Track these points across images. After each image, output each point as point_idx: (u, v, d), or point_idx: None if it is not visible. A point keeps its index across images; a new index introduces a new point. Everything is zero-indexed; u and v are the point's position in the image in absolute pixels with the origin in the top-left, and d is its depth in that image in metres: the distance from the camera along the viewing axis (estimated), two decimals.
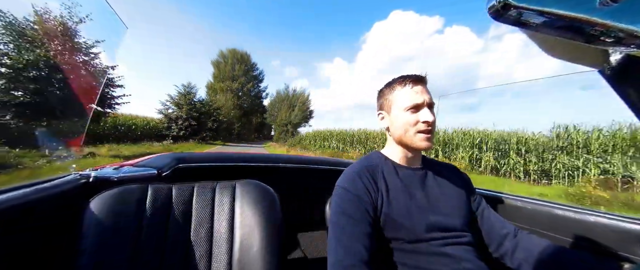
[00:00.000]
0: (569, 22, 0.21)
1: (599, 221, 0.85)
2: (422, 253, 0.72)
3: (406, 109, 0.77)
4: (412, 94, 0.77)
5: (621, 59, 0.32)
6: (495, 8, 0.21)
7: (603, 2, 0.20)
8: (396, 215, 0.73)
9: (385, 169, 0.81)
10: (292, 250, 1.35)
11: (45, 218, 0.67)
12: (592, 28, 0.21)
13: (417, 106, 0.77)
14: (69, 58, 5.25)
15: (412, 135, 0.77)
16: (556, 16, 0.21)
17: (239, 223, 0.77)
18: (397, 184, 0.78)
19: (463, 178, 0.90)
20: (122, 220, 0.67)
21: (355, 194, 0.73)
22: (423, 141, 0.77)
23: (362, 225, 0.69)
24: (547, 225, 0.95)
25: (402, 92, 0.79)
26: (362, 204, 0.72)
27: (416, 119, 0.77)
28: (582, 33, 0.22)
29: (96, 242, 0.63)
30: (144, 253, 0.67)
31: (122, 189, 0.71)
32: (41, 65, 4.93)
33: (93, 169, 0.90)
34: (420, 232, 0.73)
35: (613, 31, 0.21)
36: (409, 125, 0.77)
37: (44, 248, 0.66)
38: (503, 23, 0.21)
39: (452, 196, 0.82)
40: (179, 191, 0.77)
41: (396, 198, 0.76)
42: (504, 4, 0.20)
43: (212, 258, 0.73)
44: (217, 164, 1.22)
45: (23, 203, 0.62)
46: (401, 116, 0.78)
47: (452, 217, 0.77)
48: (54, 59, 5.05)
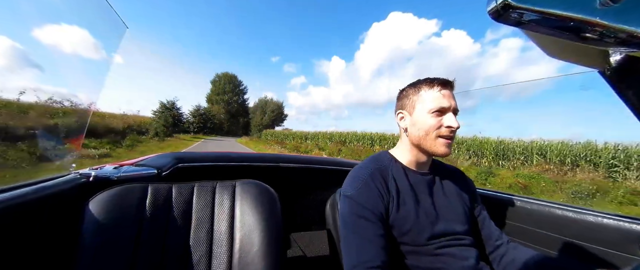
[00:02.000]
0: (569, 22, 0.21)
1: (599, 221, 0.85)
2: (424, 254, 0.72)
3: (431, 111, 0.75)
4: (439, 97, 0.75)
5: (621, 59, 0.32)
6: (495, 9, 0.21)
7: (603, 3, 0.20)
8: (403, 220, 0.73)
9: (395, 172, 0.80)
10: (292, 250, 1.35)
11: (46, 218, 0.67)
12: (592, 28, 0.21)
13: (442, 110, 0.74)
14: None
15: (433, 139, 0.75)
16: (556, 16, 0.21)
17: (239, 223, 0.77)
18: (406, 188, 0.77)
19: (468, 183, 0.90)
20: (122, 219, 0.67)
21: (365, 204, 0.72)
22: (443, 147, 0.74)
23: (377, 227, 0.70)
24: (547, 225, 0.96)
25: (428, 93, 0.77)
26: (376, 209, 0.72)
27: (440, 123, 0.74)
28: (582, 33, 0.22)
29: (96, 242, 0.63)
30: (144, 252, 0.67)
31: (122, 188, 0.71)
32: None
33: (93, 168, 0.90)
34: (425, 238, 0.73)
35: (613, 31, 0.21)
36: (432, 128, 0.75)
37: (44, 248, 0.66)
38: (503, 24, 0.21)
39: (458, 203, 0.81)
40: (179, 191, 0.77)
41: (405, 202, 0.75)
42: (504, 5, 0.20)
43: (212, 257, 0.73)
44: (217, 164, 1.22)
45: (23, 203, 0.62)
46: (424, 118, 0.76)
47: (457, 222, 0.77)
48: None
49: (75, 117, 0.97)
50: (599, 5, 0.20)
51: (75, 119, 0.97)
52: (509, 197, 1.10)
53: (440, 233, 0.74)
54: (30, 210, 0.63)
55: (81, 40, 0.89)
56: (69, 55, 0.85)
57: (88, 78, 0.94)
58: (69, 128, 0.96)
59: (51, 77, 0.72)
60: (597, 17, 0.21)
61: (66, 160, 0.88)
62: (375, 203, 0.72)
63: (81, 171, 0.86)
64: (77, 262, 0.61)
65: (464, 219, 0.79)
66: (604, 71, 0.34)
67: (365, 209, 0.71)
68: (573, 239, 0.89)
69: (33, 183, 0.69)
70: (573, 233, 0.89)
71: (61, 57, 0.84)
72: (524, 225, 1.02)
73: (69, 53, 0.85)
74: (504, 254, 0.79)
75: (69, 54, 0.85)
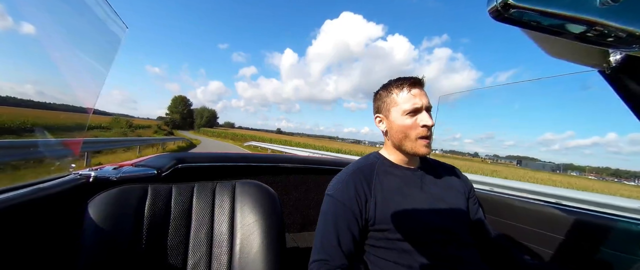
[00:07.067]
0: (569, 22, 0.21)
1: (599, 221, 0.85)
2: (421, 253, 0.72)
3: (405, 112, 0.76)
4: (410, 98, 0.76)
5: (621, 59, 0.32)
6: (495, 8, 0.21)
7: (603, 2, 0.20)
8: (390, 216, 0.73)
9: (381, 169, 0.81)
10: (292, 250, 1.35)
11: (45, 218, 0.67)
12: (592, 28, 0.21)
13: (416, 110, 0.76)
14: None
15: (412, 140, 0.76)
16: (556, 16, 0.21)
17: (239, 223, 0.76)
18: (392, 184, 0.78)
19: (463, 180, 0.90)
20: (121, 220, 0.67)
21: (342, 202, 0.75)
22: (423, 147, 0.76)
23: (346, 233, 0.73)
24: (547, 225, 0.96)
25: (400, 95, 0.78)
26: (349, 213, 0.74)
27: (415, 123, 0.76)
28: (582, 33, 0.22)
29: (96, 242, 0.63)
30: (144, 253, 0.67)
31: (122, 188, 0.71)
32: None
33: (93, 168, 0.90)
34: (418, 233, 0.73)
35: (613, 31, 0.21)
36: (410, 129, 0.76)
37: (44, 248, 0.66)
38: (503, 23, 0.21)
39: (452, 197, 0.81)
40: (178, 191, 0.77)
41: (391, 199, 0.76)
42: (504, 4, 0.20)
43: (212, 258, 0.73)
44: (216, 164, 1.21)
45: (23, 203, 0.62)
46: (400, 120, 0.77)
47: (452, 218, 0.77)
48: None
49: (74, 117, 0.96)
50: (599, 5, 0.20)
51: (74, 119, 0.97)
52: (508, 197, 1.10)
53: (434, 226, 0.74)
54: (31, 211, 0.63)
55: (81, 40, 0.89)
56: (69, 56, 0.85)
57: (87, 78, 0.94)
58: (68, 128, 0.96)
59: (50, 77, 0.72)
60: (597, 16, 0.21)
61: (65, 160, 0.88)
62: (351, 202, 0.74)
63: (81, 172, 0.86)
64: (77, 262, 0.61)
65: (460, 213, 0.79)
66: (604, 71, 0.34)
67: (343, 206, 0.74)
68: (573, 239, 0.89)
69: (33, 184, 0.69)
70: (573, 233, 0.89)
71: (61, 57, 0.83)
72: (524, 225, 1.02)
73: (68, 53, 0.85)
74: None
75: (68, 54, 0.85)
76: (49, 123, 0.90)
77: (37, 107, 0.90)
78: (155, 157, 1.14)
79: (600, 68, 0.34)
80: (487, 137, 75.18)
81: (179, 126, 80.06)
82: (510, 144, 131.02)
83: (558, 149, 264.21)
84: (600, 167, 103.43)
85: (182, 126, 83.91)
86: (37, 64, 0.82)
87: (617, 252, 0.80)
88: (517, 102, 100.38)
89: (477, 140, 50.90)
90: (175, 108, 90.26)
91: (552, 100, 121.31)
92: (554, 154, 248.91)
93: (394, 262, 0.72)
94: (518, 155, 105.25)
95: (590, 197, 3.41)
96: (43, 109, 0.91)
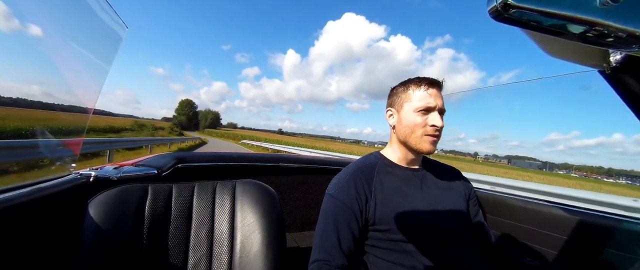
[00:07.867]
0: (569, 22, 0.21)
1: (599, 221, 0.85)
2: (421, 253, 0.72)
3: (417, 109, 0.77)
4: (425, 96, 0.77)
5: (621, 59, 0.32)
6: (495, 8, 0.21)
7: (603, 2, 0.20)
8: (390, 216, 0.74)
9: (381, 169, 0.81)
10: (292, 250, 1.35)
11: (46, 218, 0.67)
12: (592, 28, 0.21)
13: (428, 109, 0.76)
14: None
15: (418, 137, 0.77)
16: (556, 16, 0.21)
17: (239, 222, 0.76)
18: (392, 184, 0.79)
19: (465, 182, 0.90)
20: (122, 220, 0.67)
21: (342, 202, 0.75)
22: (428, 145, 0.76)
23: (346, 232, 0.73)
24: (547, 225, 0.96)
25: (416, 92, 0.79)
26: (349, 213, 0.74)
27: (425, 121, 0.76)
28: (582, 33, 0.22)
29: (96, 242, 0.63)
30: (144, 253, 0.67)
31: (122, 188, 0.71)
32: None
33: (93, 168, 0.90)
34: (417, 233, 0.73)
35: (613, 31, 0.21)
36: (418, 126, 0.77)
37: (45, 248, 0.66)
38: (503, 23, 0.21)
39: (451, 198, 0.82)
40: (179, 191, 0.77)
41: (390, 198, 0.76)
42: (504, 4, 0.20)
43: (213, 258, 0.73)
44: (217, 164, 1.21)
45: (23, 203, 0.62)
46: (410, 116, 0.78)
47: (451, 218, 0.77)
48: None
49: (75, 117, 0.96)
50: (599, 5, 0.20)
51: (75, 119, 0.97)
52: (508, 197, 1.10)
53: (433, 226, 0.74)
54: (31, 210, 0.63)
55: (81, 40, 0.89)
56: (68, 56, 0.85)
57: (87, 78, 0.94)
58: (68, 128, 0.96)
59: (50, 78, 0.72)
60: (597, 16, 0.21)
61: (66, 160, 0.88)
62: (352, 202, 0.75)
63: (81, 171, 0.86)
64: (78, 262, 0.61)
65: (460, 214, 0.80)
66: (604, 71, 0.34)
67: (343, 206, 0.75)
68: (573, 239, 0.89)
69: (33, 183, 0.69)
70: (573, 233, 0.89)
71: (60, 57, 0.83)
72: (524, 225, 1.02)
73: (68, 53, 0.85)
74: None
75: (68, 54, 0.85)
76: (49, 123, 0.90)
77: (37, 107, 0.90)
78: (156, 157, 1.14)
79: (600, 68, 0.34)
80: (491, 137, 75.28)
81: (185, 127, 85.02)
82: (515, 144, 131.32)
83: (563, 149, 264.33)
84: (593, 166, 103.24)
85: (188, 127, 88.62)
86: (37, 63, 0.82)
87: (618, 252, 0.80)
88: (521, 102, 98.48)
89: (481, 141, 50.97)
90: (181, 110, 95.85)
91: (559, 100, 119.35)
92: (559, 154, 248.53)
93: (393, 262, 0.72)
94: (518, 155, 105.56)
95: (540, 188, 3.75)
96: (43, 109, 0.91)
